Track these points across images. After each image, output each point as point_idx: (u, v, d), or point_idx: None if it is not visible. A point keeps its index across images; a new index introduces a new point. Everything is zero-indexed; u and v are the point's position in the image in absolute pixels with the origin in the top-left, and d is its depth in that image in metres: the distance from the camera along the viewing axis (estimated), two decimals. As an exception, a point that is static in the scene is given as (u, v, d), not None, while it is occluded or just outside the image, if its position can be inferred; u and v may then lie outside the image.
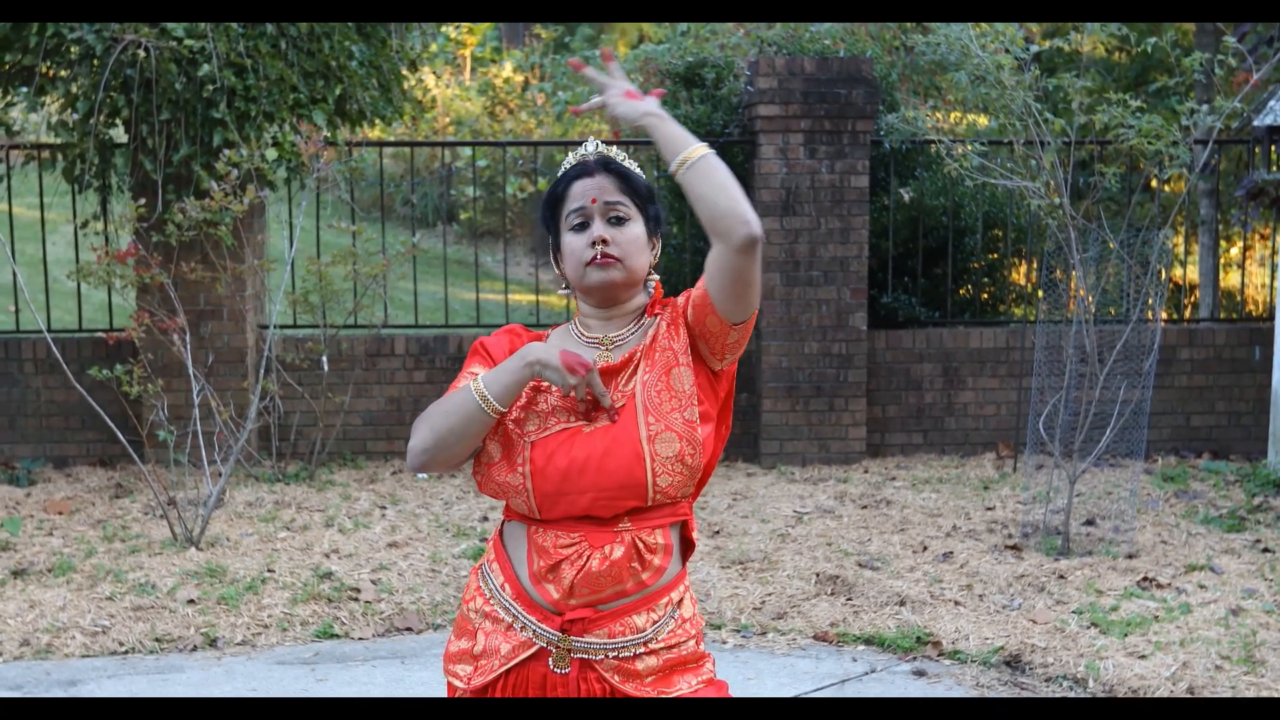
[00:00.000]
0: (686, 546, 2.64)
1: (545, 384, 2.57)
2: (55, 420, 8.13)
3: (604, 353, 2.60)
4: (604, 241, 2.56)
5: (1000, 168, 6.98)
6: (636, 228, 2.60)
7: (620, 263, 2.56)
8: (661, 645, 2.56)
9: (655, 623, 2.56)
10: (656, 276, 2.68)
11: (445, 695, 2.69)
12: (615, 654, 2.54)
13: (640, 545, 2.54)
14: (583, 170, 2.61)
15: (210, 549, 6.31)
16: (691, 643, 2.61)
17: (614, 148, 2.68)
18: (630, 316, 2.65)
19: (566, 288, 2.68)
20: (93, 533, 6.66)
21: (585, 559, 2.52)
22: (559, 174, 2.66)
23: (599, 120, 12.87)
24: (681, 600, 2.61)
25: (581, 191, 2.59)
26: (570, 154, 2.68)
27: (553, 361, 2.48)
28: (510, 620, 2.57)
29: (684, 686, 2.58)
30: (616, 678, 2.54)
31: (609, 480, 2.50)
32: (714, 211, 2.45)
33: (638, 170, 2.65)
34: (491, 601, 2.60)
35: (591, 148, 2.66)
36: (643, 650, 2.55)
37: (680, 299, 2.64)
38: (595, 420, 2.55)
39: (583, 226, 2.58)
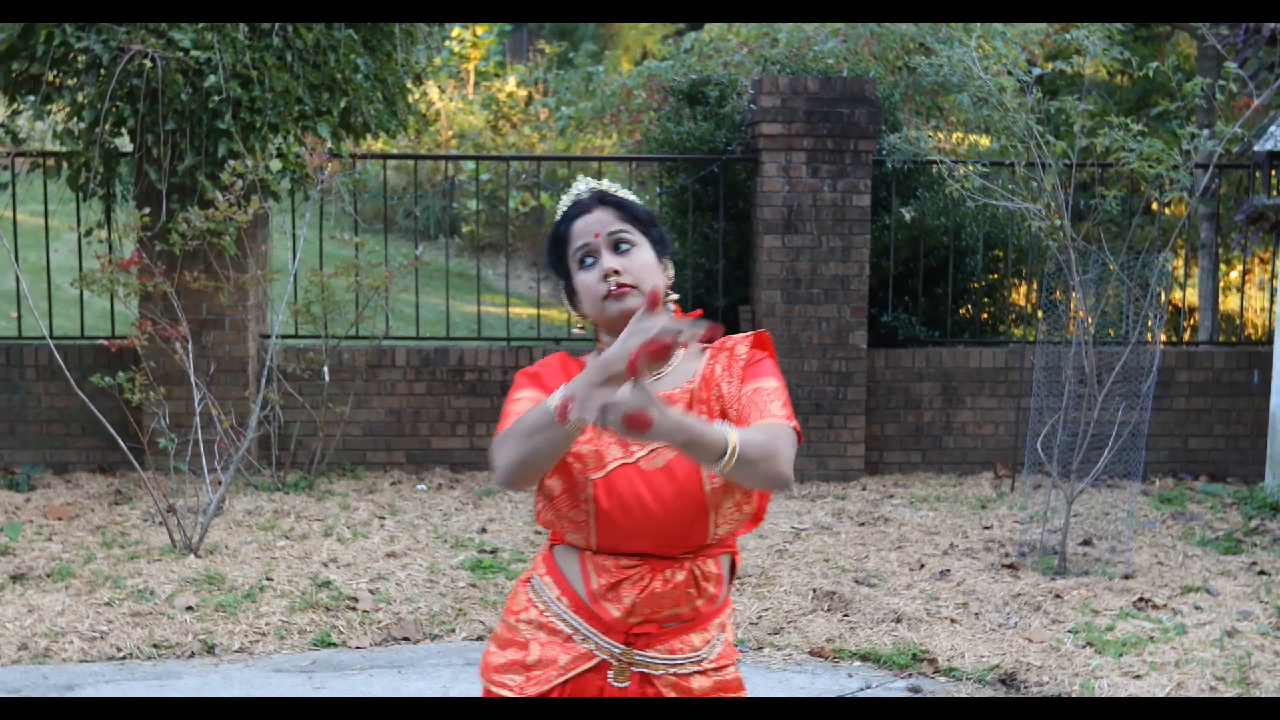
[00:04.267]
0: (732, 571, 2.69)
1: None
2: (56, 426, 8.14)
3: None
4: (615, 272, 2.56)
5: (1001, 189, 7.01)
6: (644, 253, 2.61)
7: (635, 289, 2.56)
8: (712, 666, 2.61)
9: (708, 642, 2.61)
10: (675, 296, 2.68)
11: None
12: (674, 670, 2.57)
13: (697, 574, 2.58)
14: (580, 209, 2.62)
15: (209, 556, 6.33)
16: (733, 668, 2.67)
17: (604, 180, 2.70)
18: None
19: (583, 327, 2.68)
20: (92, 538, 6.67)
21: (648, 581, 2.54)
22: (558, 218, 2.66)
23: (603, 135, 12.90)
24: (726, 625, 2.67)
25: (583, 229, 2.60)
26: (564, 196, 2.69)
27: (595, 400, 2.28)
28: (569, 632, 2.58)
29: None
30: (673, 694, 2.57)
31: (675, 529, 2.53)
32: (763, 483, 2.41)
33: (634, 197, 2.67)
34: (547, 613, 2.60)
35: (584, 186, 2.67)
36: (696, 669, 2.59)
37: (741, 350, 2.60)
38: (646, 447, 2.51)
39: (592, 263, 2.59)
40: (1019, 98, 6.56)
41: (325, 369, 7.94)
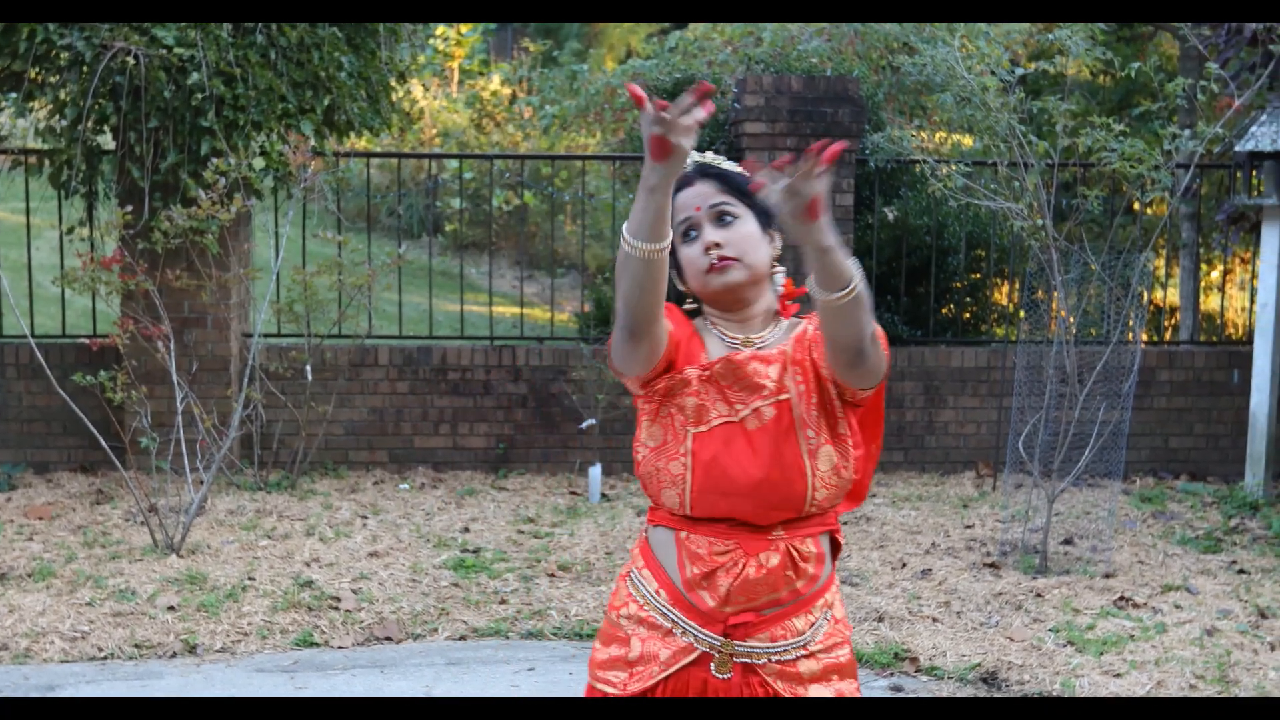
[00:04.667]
0: (835, 549, 2.65)
1: (693, 379, 2.53)
2: (37, 425, 8.12)
3: (748, 350, 2.59)
4: (717, 245, 2.54)
5: (984, 188, 7.03)
6: (748, 224, 2.58)
7: (739, 262, 2.55)
8: (819, 647, 2.57)
9: (813, 624, 2.56)
10: (782, 269, 2.66)
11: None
12: (778, 657, 2.54)
13: (795, 554, 2.53)
14: (682, 182, 2.58)
15: (191, 556, 6.31)
16: (846, 648, 2.62)
17: (708, 153, 2.66)
18: (766, 316, 2.63)
19: (694, 301, 2.64)
20: (73, 538, 6.65)
21: (742, 567, 2.51)
22: None
23: (587, 134, 12.89)
24: (833, 603, 2.62)
25: (685, 202, 2.57)
26: None
27: (657, 167, 2.29)
28: (669, 625, 2.55)
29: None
30: (780, 683, 2.53)
31: (772, 492, 2.49)
32: (852, 336, 2.42)
33: (737, 168, 2.62)
34: (647, 607, 2.57)
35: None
36: (803, 653, 2.55)
37: (811, 327, 2.62)
38: (750, 406, 2.52)
39: (695, 236, 2.57)
40: (1002, 97, 6.58)
41: (308, 368, 7.93)
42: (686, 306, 2.66)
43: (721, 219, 2.56)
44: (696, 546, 2.53)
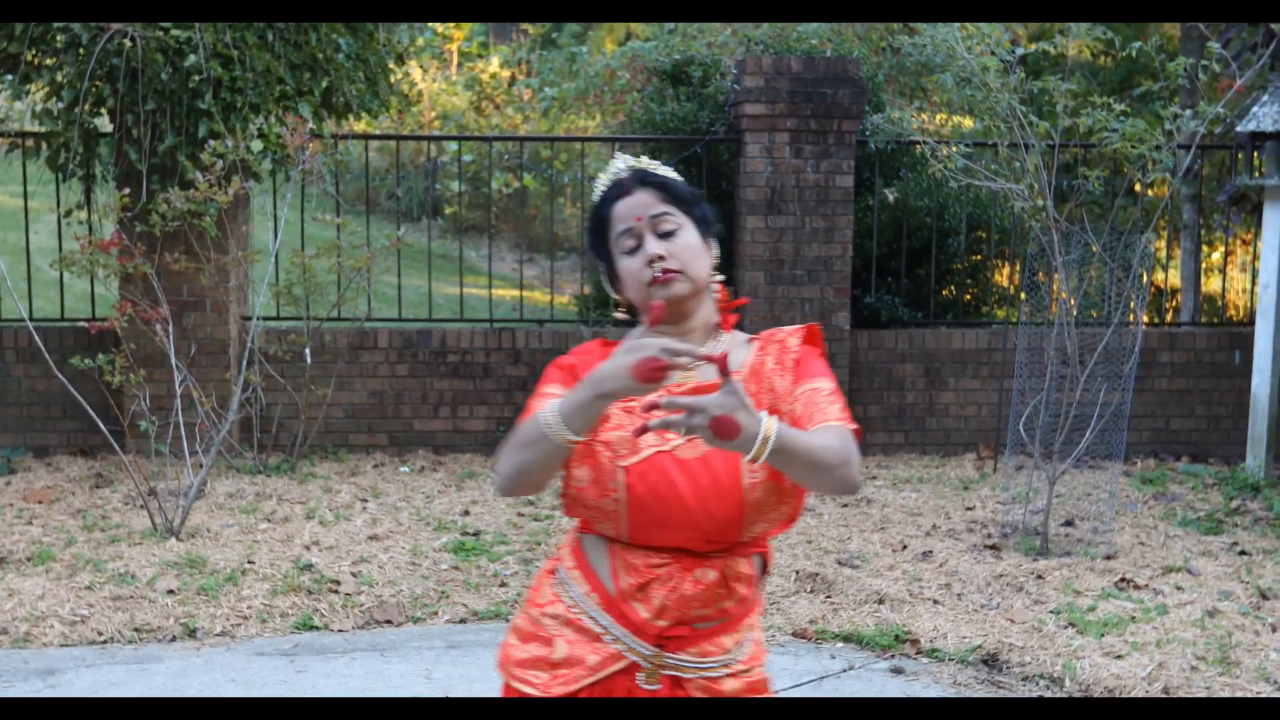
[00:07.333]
0: (764, 570, 2.60)
1: (634, 402, 2.43)
2: (36, 409, 8.10)
3: (689, 376, 2.49)
4: (660, 257, 2.46)
5: (985, 170, 7.00)
6: (689, 235, 2.50)
7: (682, 274, 2.46)
8: (742, 667, 2.52)
9: (738, 644, 2.52)
10: (720, 278, 2.58)
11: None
12: (705, 674, 2.48)
13: (729, 574, 2.48)
14: (620, 190, 2.52)
15: (190, 540, 6.31)
16: (761, 668, 2.57)
17: (644, 158, 2.60)
18: (706, 329, 2.55)
19: (627, 312, 2.57)
20: (72, 522, 6.64)
21: (678, 581, 2.45)
22: (598, 198, 2.56)
23: (587, 116, 12.86)
24: (755, 624, 2.58)
25: (625, 212, 2.50)
26: (602, 175, 2.59)
27: (627, 383, 2.25)
28: (599, 631, 2.48)
29: None
30: (704, 697, 2.49)
31: (709, 523, 2.42)
32: (835, 488, 2.33)
33: (675, 175, 2.57)
34: (575, 610, 2.50)
35: (622, 164, 2.57)
36: (727, 672, 2.50)
37: (793, 344, 2.53)
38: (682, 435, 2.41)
39: (635, 248, 2.49)
40: (1002, 78, 6.55)
41: (307, 351, 7.91)
42: (617, 315, 2.57)
43: (663, 231, 2.49)
44: (632, 557, 2.47)
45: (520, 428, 2.39)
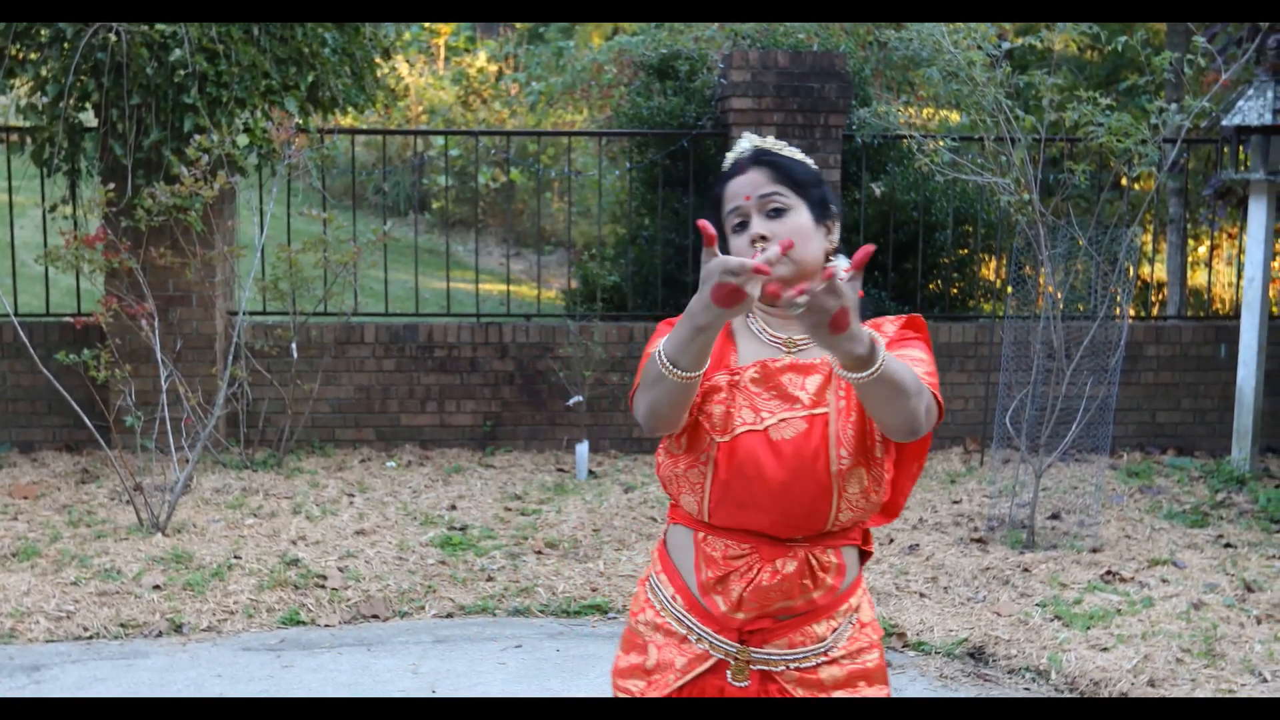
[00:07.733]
0: (864, 554, 2.56)
1: (723, 385, 2.44)
2: (21, 405, 8.08)
3: (787, 354, 2.48)
4: (763, 238, 2.41)
5: (971, 164, 7.01)
6: (799, 216, 2.44)
7: (784, 256, 2.38)
8: (842, 653, 2.48)
9: (835, 630, 2.48)
10: (838, 260, 2.49)
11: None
12: (796, 664, 2.46)
13: (814, 563, 2.45)
14: (736, 169, 2.50)
15: (177, 535, 6.29)
16: (876, 653, 2.53)
17: (770, 137, 2.57)
18: None
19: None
20: (58, 518, 6.63)
21: (755, 572, 2.43)
22: (721, 177, 2.55)
23: (574, 110, 12.85)
24: (859, 606, 2.53)
25: (736, 190, 2.47)
26: (728, 153, 2.57)
27: (713, 310, 2.19)
28: (684, 632, 2.48)
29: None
30: (799, 690, 2.45)
31: (794, 508, 2.40)
32: (899, 418, 2.30)
33: (798, 156, 2.53)
34: (663, 613, 2.51)
35: (746, 144, 2.54)
36: (824, 659, 2.46)
37: (889, 329, 2.49)
38: (777, 415, 2.42)
39: (743, 226, 2.45)
40: (988, 72, 6.56)
41: (293, 346, 7.90)
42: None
43: (771, 210, 2.44)
44: (712, 549, 2.46)
45: (644, 369, 2.38)
